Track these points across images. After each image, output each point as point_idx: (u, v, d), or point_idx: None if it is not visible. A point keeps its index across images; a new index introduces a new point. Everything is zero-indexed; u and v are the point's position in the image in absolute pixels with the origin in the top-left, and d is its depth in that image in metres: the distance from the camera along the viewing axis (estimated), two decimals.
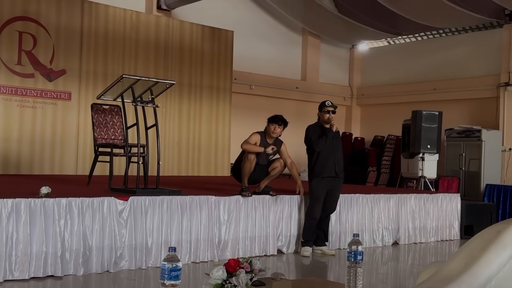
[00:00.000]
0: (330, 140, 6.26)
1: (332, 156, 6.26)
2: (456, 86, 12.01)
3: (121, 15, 9.87)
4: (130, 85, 5.62)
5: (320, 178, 6.26)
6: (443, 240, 7.99)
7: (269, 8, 12.84)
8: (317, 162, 6.26)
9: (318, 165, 6.25)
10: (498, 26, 11.54)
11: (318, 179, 6.27)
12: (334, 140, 6.32)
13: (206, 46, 10.99)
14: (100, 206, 5.06)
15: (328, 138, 6.22)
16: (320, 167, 6.25)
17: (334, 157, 6.28)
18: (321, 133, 6.26)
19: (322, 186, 6.28)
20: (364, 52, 14.28)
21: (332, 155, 6.26)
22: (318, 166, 6.25)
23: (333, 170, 6.28)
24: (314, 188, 6.29)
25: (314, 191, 6.29)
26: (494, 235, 1.82)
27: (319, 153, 6.25)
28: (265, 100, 12.75)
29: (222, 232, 5.86)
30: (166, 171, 10.10)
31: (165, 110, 10.26)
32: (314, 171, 6.28)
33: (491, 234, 1.86)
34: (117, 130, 6.49)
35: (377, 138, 13.50)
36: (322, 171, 6.24)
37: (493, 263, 1.63)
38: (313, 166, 6.30)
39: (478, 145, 10.75)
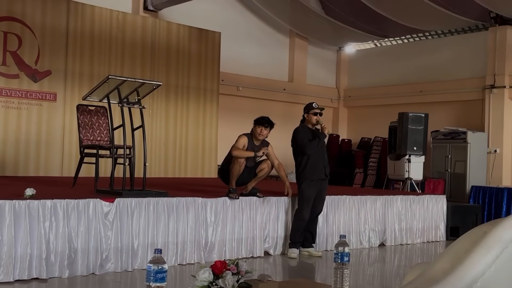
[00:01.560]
0: (320, 142, 6.28)
1: (321, 159, 6.28)
2: (442, 88, 12.10)
3: (107, 15, 9.81)
4: (116, 86, 5.58)
5: (310, 181, 6.26)
6: (429, 241, 8.03)
7: (257, 9, 12.84)
8: (308, 165, 6.25)
9: (309, 168, 6.24)
10: (483, 29, 11.64)
11: (308, 181, 6.27)
12: (321, 142, 6.33)
13: (193, 48, 10.96)
14: (85, 208, 5.01)
15: (320, 141, 6.24)
16: (311, 170, 6.25)
17: (323, 160, 6.29)
18: (312, 136, 6.26)
19: (312, 189, 6.28)
20: (351, 54, 14.34)
21: (321, 158, 6.28)
22: (309, 169, 6.24)
23: (323, 172, 6.30)
24: (304, 191, 6.28)
25: (304, 194, 6.28)
26: (479, 236, 1.82)
27: (310, 156, 6.25)
28: (252, 101, 12.74)
29: (209, 234, 5.84)
30: (152, 173, 10.05)
31: (151, 111, 10.20)
32: (305, 174, 6.27)
33: (476, 235, 1.86)
34: (103, 131, 6.44)
35: (364, 140, 13.56)
36: (313, 174, 6.25)
37: (479, 264, 1.63)
38: (303, 169, 6.28)
39: (463, 147, 10.83)
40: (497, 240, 1.79)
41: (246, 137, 6.15)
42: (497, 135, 11.08)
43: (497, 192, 9.51)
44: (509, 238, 1.82)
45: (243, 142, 6.08)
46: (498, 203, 9.42)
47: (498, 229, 1.83)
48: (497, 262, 1.73)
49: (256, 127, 6.15)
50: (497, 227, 1.83)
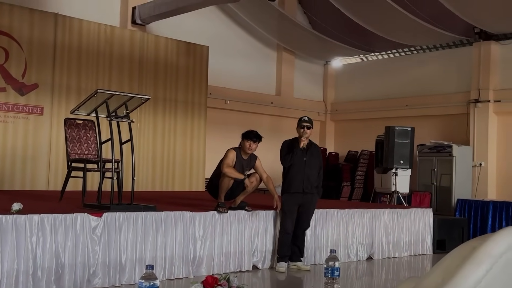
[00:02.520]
0: (301, 156, 6.28)
1: (301, 172, 6.27)
2: (428, 102, 12.23)
3: (95, 29, 9.81)
4: (105, 100, 5.58)
5: (289, 194, 6.30)
6: (416, 254, 8.07)
7: (244, 24, 12.92)
8: (286, 178, 6.33)
9: (286, 181, 6.33)
10: (468, 44, 11.82)
11: (287, 194, 6.32)
12: (308, 156, 6.33)
13: (181, 61, 10.98)
14: (73, 223, 4.97)
15: (294, 154, 6.25)
16: (288, 182, 6.31)
17: (303, 173, 6.28)
18: (290, 149, 6.30)
19: (292, 201, 6.30)
20: (338, 68, 14.46)
21: (301, 171, 6.27)
22: (286, 182, 6.34)
23: (301, 186, 6.28)
24: (284, 203, 6.33)
25: (284, 206, 6.33)
26: (469, 251, 1.85)
27: (289, 168, 6.30)
28: (240, 115, 12.77)
29: (197, 248, 5.82)
30: (140, 186, 10.00)
31: (139, 124, 10.18)
32: (284, 186, 6.38)
33: (466, 251, 1.89)
34: (90, 145, 6.41)
35: (351, 153, 13.63)
36: (289, 187, 6.29)
37: (469, 279, 1.65)
38: (283, 181, 6.39)
39: (449, 160, 10.93)
40: (487, 255, 1.82)
41: (235, 152, 6.16)
42: (482, 149, 11.21)
43: (482, 205, 9.60)
44: (499, 253, 1.84)
45: (232, 157, 6.09)
46: (483, 216, 9.51)
47: (487, 244, 1.86)
48: (487, 277, 1.76)
49: (244, 141, 6.16)
50: (487, 242, 1.86)
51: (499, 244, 1.75)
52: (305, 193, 6.33)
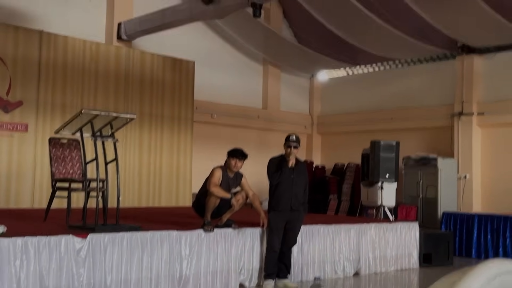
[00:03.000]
0: (289, 174, 6.30)
1: (289, 190, 6.29)
2: (413, 115, 12.33)
3: (80, 46, 9.78)
4: (89, 120, 5.56)
5: (277, 211, 6.30)
6: (402, 269, 8.10)
7: (230, 38, 12.97)
8: (274, 195, 6.34)
9: (274, 198, 6.34)
10: (451, 58, 11.95)
11: (274, 212, 6.32)
12: (295, 174, 6.36)
13: (167, 77, 10.99)
14: (57, 245, 4.93)
15: (283, 173, 6.27)
16: (276, 200, 6.32)
17: (291, 191, 6.30)
18: (278, 167, 6.32)
19: (280, 219, 6.31)
20: (323, 82, 14.54)
21: (289, 189, 6.29)
22: (274, 199, 6.34)
23: (288, 204, 6.30)
24: (271, 221, 6.33)
25: (271, 223, 6.33)
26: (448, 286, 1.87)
27: (277, 186, 6.31)
28: (227, 129, 12.78)
29: (184, 268, 5.79)
30: (127, 203, 9.95)
31: (125, 140, 10.14)
32: (271, 204, 6.37)
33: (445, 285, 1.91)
34: (75, 165, 6.37)
35: (338, 166, 13.68)
36: (277, 205, 6.30)
37: None
38: (270, 198, 6.38)
39: (434, 173, 11.01)
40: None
41: (221, 170, 6.16)
42: (466, 161, 11.31)
43: (467, 218, 9.67)
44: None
45: (218, 176, 6.09)
46: (469, 229, 9.57)
47: (466, 279, 1.88)
48: None
49: (230, 159, 6.17)
50: (466, 277, 1.88)
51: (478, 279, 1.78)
52: (293, 210, 6.34)
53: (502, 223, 9.23)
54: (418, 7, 10.21)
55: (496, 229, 9.28)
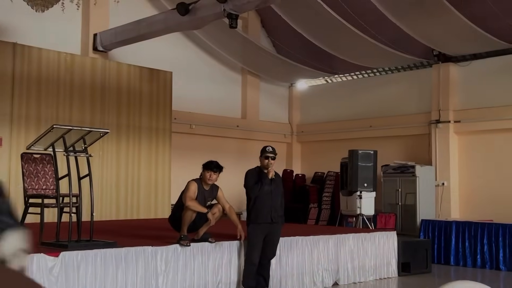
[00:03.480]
0: (268, 186, 6.27)
1: (268, 202, 6.25)
2: (391, 123, 12.42)
3: (55, 58, 9.67)
4: (62, 135, 5.48)
5: (256, 224, 6.25)
6: (381, 278, 8.10)
7: (208, 48, 12.94)
8: (253, 208, 6.26)
9: (254, 211, 6.26)
10: (428, 66, 12.08)
11: (254, 225, 6.26)
12: (273, 186, 6.32)
13: (144, 87, 10.91)
14: (28, 263, 4.83)
15: (263, 185, 6.23)
16: (255, 213, 6.25)
17: (270, 203, 6.27)
18: (257, 179, 6.27)
19: (259, 232, 6.26)
20: (302, 91, 14.59)
21: (268, 201, 6.26)
22: (254, 212, 6.26)
23: (269, 217, 6.26)
24: (250, 234, 6.28)
25: (250, 237, 6.28)
26: None
27: (256, 199, 6.25)
28: (206, 139, 12.73)
29: (159, 283, 5.72)
30: (104, 216, 9.83)
31: (102, 152, 10.04)
32: (251, 217, 6.29)
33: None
34: (48, 180, 6.26)
35: (318, 175, 13.69)
36: (257, 217, 6.24)
37: None
38: (250, 211, 6.30)
39: (412, 180, 11.09)
40: None
41: (196, 183, 6.12)
42: (444, 168, 11.40)
43: (445, 225, 9.73)
44: None
45: (193, 189, 6.03)
46: (447, 236, 9.63)
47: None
48: None
49: (205, 172, 6.13)
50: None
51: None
52: (273, 223, 6.30)
53: (479, 230, 9.31)
54: (394, 17, 10.31)
55: (474, 236, 9.35)
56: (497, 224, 9.22)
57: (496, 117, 10.81)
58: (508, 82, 10.85)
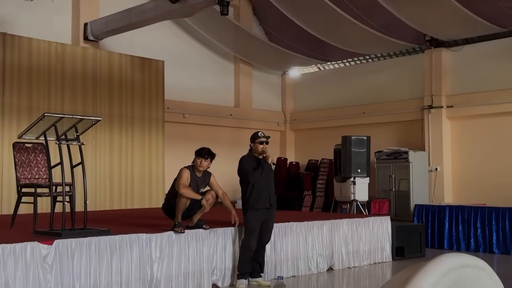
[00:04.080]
0: (264, 172, 6.28)
1: (266, 188, 6.28)
2: (384, 109, 12.43)
3: (45, 47, 9.60)
4: (53, 123, 5.45)
5: (255, 210, 6.25)
6: (375, 262, 8.15)
7: (200, 37, 12.89)
8: (252, 194, 6.25)
9: (253, 197, 6.24)
10: (420, 51, 12.07)
11: (252, 211, 6.26)
12: (268, 171, 6.34)
13: (137, 77, 10.86)
14: (22, 252, 4.83)
15: (264, 170, 6.25)
16: (255, 199, 6.24)
17: (268, 188, 6.30)
18: (256, 165, 6.27)
19: (257, 218, 6.27)
20: (295, 78, 14.56)
21: (266, 187, 6.28)
22: (253, 198, 6.24)
23: (267, 202, 6.29)
24: (249, 221, 6.27)
25: (249, 223, 6.27)
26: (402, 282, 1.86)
27: (254, 184, 6.25)
28: (199, 128, 12.70)
29: (155, 270, 5.73)
30: (98, 206, 9.83)
31: (95, 143, 10.00)
32: (249, 203, 6.26)
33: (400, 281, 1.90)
34: (41, 169, 6.24)
35: (311, 162, 13.71)
36: (257, 203, 6.24)
37: None
38: (248, 198, 6.28)
39: (406, 166, 11.12)
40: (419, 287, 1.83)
41: (188, 170, 6.11)
42: (437, 154, 11.44)
43: (439, 210, 9.78)
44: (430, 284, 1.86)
45: (186, 176, 6.03)
46: (440, 221, 9.68)
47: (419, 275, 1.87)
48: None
49: (196, 158, 6.13)
50: (419, 273, 1.87)
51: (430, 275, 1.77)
52: (271, 207, 6.33)
53: (472, 214, 9.36)
54: (386, 2, 10.28)
55: (467, 220, 9.41)
56: (490, 208, 9.27)
57: (489, 101, 10.85)
58: (500, 66, 10.87)
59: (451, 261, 1.92)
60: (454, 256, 1.96)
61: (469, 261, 1.96)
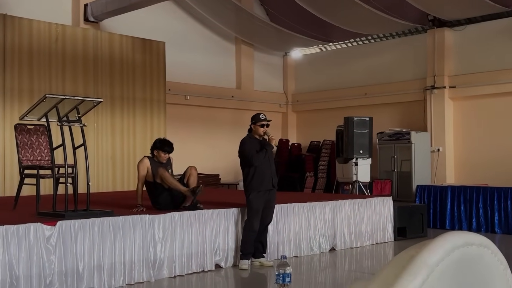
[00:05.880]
0: (265, 153, 6.28)
1: (268, 169, 6.28)
2: (386, 90, 12.38)
3: (45, 29, 9.53)
4: (55, 105, 5.42)
5: (258, 192, 6.26)
6: (377, 243, 8.18)
7: (201, 17, 12.79)
8: (255, 176, 6.24)
9: (256, 179, 6.24)
10: (423, 31, 11.98)
11: (256, 192, 6.26)
12: (269, 152, 6.34)
13: (138, 58, 10.80)
14: (26, 233, 4.84)
15: (268, 152, 6.25)
16: (258, 180, 6.24)
17: (270, 170, 6.30)
18: (260, 147, 6.26)
19: (261, 200, 6.28)
20: (297, 59, 14.48)
21: (268, 168, 6.28)
22: (256, 180, 6.24)
23: (270, 183, 6.30)
24: (253, 202, 6.27)
25: (253, 205, 6.27)
26: (407, 260, 1.84)
27: (257, 166, 6.24)
28: (201, 109, 12.68)
29: (158, 251, 5.75)
30: (101, 187, 9.85)
31: (96, 125, 9.99)
32: (252, 184, 6.26)
33: (404, 260, 1.87)
34: (43, 151, 6.24)
35: (313, 144, 13.70)
36: (260, 185, 6.25)
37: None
38: (251, 180, 6.27)
39: (408, 147, 11.11)
40: (423, 264, 1.81)
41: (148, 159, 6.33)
42: (439, 134, 11.42)
43: (441, 190, 9.78)
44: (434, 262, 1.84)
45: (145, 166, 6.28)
46: (442, 201, 9.69)
47: (424, 252, 1.85)
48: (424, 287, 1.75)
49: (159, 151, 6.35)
50: (423, 251, 1.86)
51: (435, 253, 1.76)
52: (273, 188, 6.34)
53: (474, 194, 9.37)
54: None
55: (469, 200, 9.42)
56: (492, 188, 9.27)
57: (491, 81, 10.78)
58: (503, 46, 10.79)
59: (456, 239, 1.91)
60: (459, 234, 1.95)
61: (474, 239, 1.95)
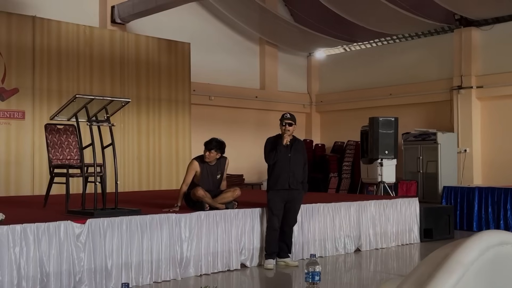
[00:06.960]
0: (285, 152, 6.27)
1: (286, 169, 6.26)
2: (411, 90, 12.27)
3: (74, 30, 9.70)
4: (84, 105, 5.52)
5: (275, 191, 6.29)
6: (403, 244, 8.11)
7: (225, 18, 12.86)
8: (272, 175, 6.31)
9: (272, 178, 6.31)
10: (449, 31, 11.85)
11: (273, 191, 6.30)
12: (292, 152, 6.32)
13: (163, 59, 10.91)
14: (56, 231, 4.94)
15: (278, 152, 6.23)
16: (273, 179, 6.29)
17: (288, 170, 6.26)
18: (272, 146, 6.29)
19: (278, 198, 6.29)
20: (321, 60, 14.45)
21: (286, 168, 6.26)
22: (272, 179, 6.31)
23: (286, 183, 6.27)
24: (269, 201, 6.32)
25: (269, 203, 6.32)
26: (442, 258, 1.85)
27: (274, 165, 6.28)
28: (225, 110, 12.75)
29: (184, 250, 5.80)
30: (126, 187, 9.97)
31: (123, 125, 10.12)
32: (269, 183, 6.37)
33: (439, 258, 1.88)
34: (72, 150, 6.36)
35: (337, 144, 13.66)
36: (275, 184, 6.28)
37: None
38: (268, 178, 6.38)
39: (434, 147, 10.99)
40: (458, 263, 1.81)
41: (197, 161, 6.28)
42: (466, 135, 11.28)
43: (468, 191, 9.65)
44: (470, 261, 1.84)
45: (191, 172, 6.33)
46: (469, 202, 9.56)
47: (459, 251, 1.85)
48: (459, 285, 1.75)
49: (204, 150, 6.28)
50: (458, 249, 1.86)
51: (470, 252, 1.75)
52: (291, 189, 6.32)
53: (502, 196, 9.22)
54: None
55: (496, 201, 9.27)
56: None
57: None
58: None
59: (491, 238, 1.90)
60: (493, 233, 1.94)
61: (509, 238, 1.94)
